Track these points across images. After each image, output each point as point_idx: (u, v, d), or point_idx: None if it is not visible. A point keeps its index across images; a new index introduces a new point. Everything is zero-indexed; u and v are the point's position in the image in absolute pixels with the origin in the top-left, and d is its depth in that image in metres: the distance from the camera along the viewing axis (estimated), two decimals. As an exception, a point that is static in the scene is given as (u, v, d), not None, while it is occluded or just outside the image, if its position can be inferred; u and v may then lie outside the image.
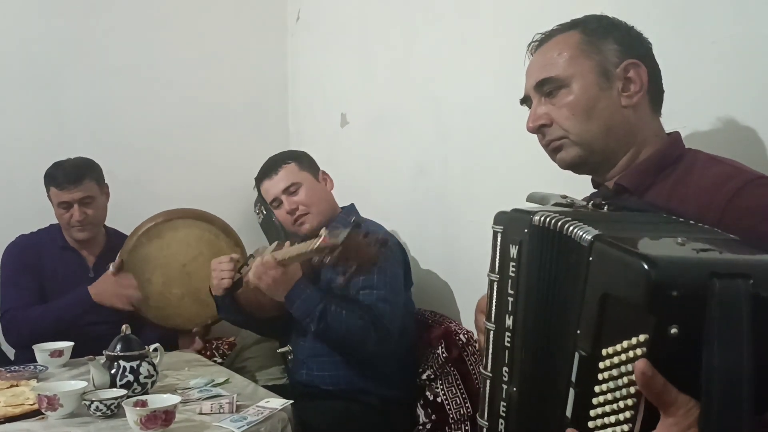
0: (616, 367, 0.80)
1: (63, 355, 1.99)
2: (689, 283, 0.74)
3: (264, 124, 3.18)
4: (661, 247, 0.83)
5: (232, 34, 3.08)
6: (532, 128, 1.22)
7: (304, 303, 1.84)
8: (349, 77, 2.76)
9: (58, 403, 1.53)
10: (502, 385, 1.06)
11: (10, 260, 2.33)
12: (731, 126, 1.33)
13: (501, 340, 1.07)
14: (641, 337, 0.76)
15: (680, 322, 0.74)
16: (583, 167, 1.23)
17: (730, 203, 1.02)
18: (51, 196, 2.31)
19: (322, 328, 1.84)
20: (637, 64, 1.15)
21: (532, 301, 1.01)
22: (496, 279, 1.07)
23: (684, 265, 0.77)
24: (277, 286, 1.82)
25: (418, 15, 2.35)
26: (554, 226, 0.96)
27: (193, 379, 1.84)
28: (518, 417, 1.04)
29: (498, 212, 1.07)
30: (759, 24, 1.29)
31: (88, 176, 2.30)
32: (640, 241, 0.85)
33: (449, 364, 2.02)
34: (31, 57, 2.73)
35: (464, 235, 2.14)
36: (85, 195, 2.28)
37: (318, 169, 2.16)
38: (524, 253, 1.02)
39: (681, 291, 0.74)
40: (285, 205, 2.07)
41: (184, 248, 2.35)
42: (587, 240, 0.88)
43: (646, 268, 0.75)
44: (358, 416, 1.92)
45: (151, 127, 2.91)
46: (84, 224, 2.29)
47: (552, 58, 1.19)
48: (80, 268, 2.37)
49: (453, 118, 2.20)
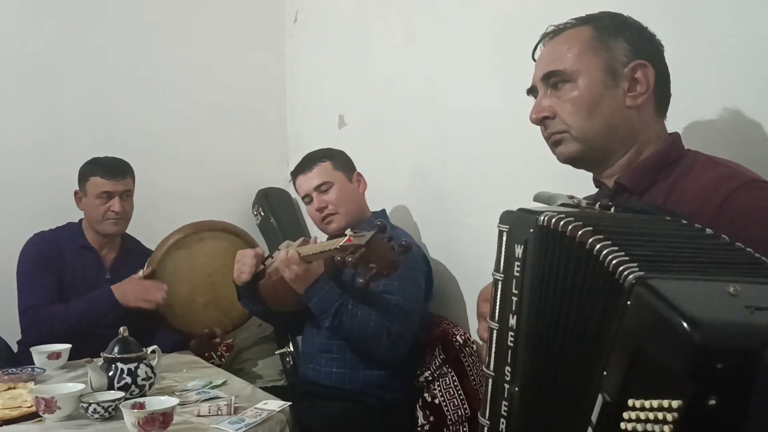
0: (642, 422, 0.74)
1: (61, 357, 1.99)
2: (738, 353, 0.66)
3: (262, 126, 3.18)
4: (711, 299, 0.73)
5: (229, 36, 3.08)
6: (535, 120, 1.23)
7: (322, 299, 1.88)
8: (347, 79, 2.76)
9: (56, 406, 1.52)
10: (504, 384, 1.06)
11: (30, 257, 2.32)
12: (728, 126, 1.33)
13: (504, 340, 1.06)
14: (674, 402, 0.69)
15: (721, 394, 0.67)
16: (580, 162, 1.23)
17: (722, 206, 1.02)
18: (89, 187, 2.33)
19: (336, 325, 1.87)
20: (645, 65, 1.15)
21: (537, 301, 1.01)
22: (501, 278, 1.07)
23: (734, 331, 0.68)
24: (299, 280, 1.86)
25: (417, 16, 2.35)
26: (564, 229, 0.94)
27: (191, 381, 1.84)
28: (520, 417, 1.04)
29: (504, 211, 1.07)
30: (756, 25, 1.29)
31: (129, 173, 2.39)
32: (687, 286, 0.76)
33: (446, 365, 2.02)
34: (30, 59, 2.73)
35: (463, 236, 2.14)
36: (126, 189, 2.35)
37: (353, 170, 2.19)
38: (529, 253, 1.02)
39: (727, 362, 0.66)
40: (315, 203, 2.11)
41: (211, 259, 2.40)
42: (629, 281, 0.79)
43: (689, 330, 0.67)
44: (356, 418, 1.92)
45: (149, 129, 2.90)
46: (120, 217, 2.33)
47: (561, 51, 1.19)
48: (98, 268, 2.39)
49: (451, 119, 2.20)
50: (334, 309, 1.86)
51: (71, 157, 2.43)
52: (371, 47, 2.61)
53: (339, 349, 2.00)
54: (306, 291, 1.88)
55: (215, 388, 1.78)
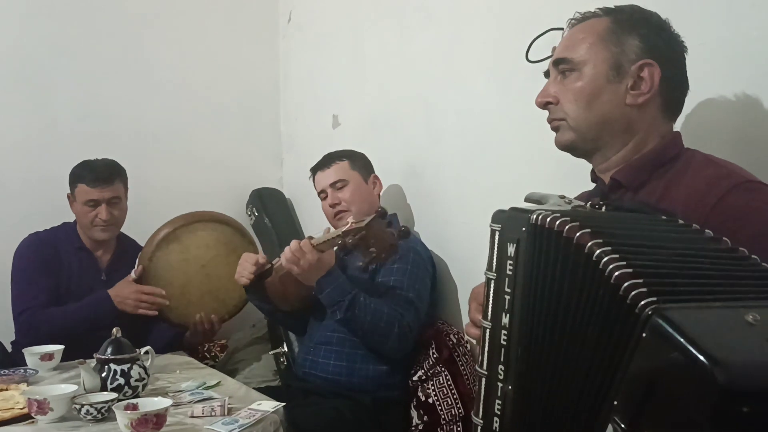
0: None
1: (53, 358, 1.98)
2: (764, 395, 0.62)
3: (256, 126, 3.18)
4: (730, 332, 0.69)
5: (223, 36, 3.07)
6: (539, 103, 1.24)
7: (335, 290, 1.90)
8: (341, 79, 2.76)
9: (48, 407, 1.52)
10: (498, 383, 1.06)
11: (26, 257, 2.30)
12: (719, 126, 1.34)
13: (497, 339, 1.06)
14: None
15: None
16: (575, 151, 1.24)
17: (716, 206, 1.02)
18: (77, 194, 2.31)
19: (348, 317, 1.89)
20: (652, 65, 1.14)
21: (530, 300, 1.01)
22: (494, 277, 1.07)
23: (760, 371, 0.64)
24: (311, 270, 1.87)
25: (410, 17, 2.35)
26: (556, 227, 0.94)
27: (184, 382, 1.83)
28: (513, 416, 1.04)
29: (496, 210, 1.07)
30: (747, 26, 1.30)
31: (117, 177, 2.33)
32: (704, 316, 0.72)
33: (440, 364, 2.02)
34: (22, 58, 2.71)
35: (456, 236, 2.15)
36: (114, 195, 2.31)
37: (370, 172, 2.25)
38: (521, 252, 1.02)
39: (753, 405, 0.62)
40: (329, 199, 2.18)
41: (203, 250, 2.39)
42: (645, 313, 0.75)
43: (713, 370, 0.63)
44: (350, 417, 1.93)
45: (142, 129, 2.90)
46: (108, 224, 2.31)
47: (576, 39, 1.20)
48: (93, 270, 2.37)
49: (445, 120, 2.20)
50: (348, 300, 1.88)
51: (65, 156, 2.41)
52: (365, 47, 2.60)
53: (339, 341, 2.02)
54: (318, 282, 1.90)
55: (209, 389, 1.78)
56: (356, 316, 1.88)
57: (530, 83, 1.33)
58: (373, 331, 1.90)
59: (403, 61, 2.39)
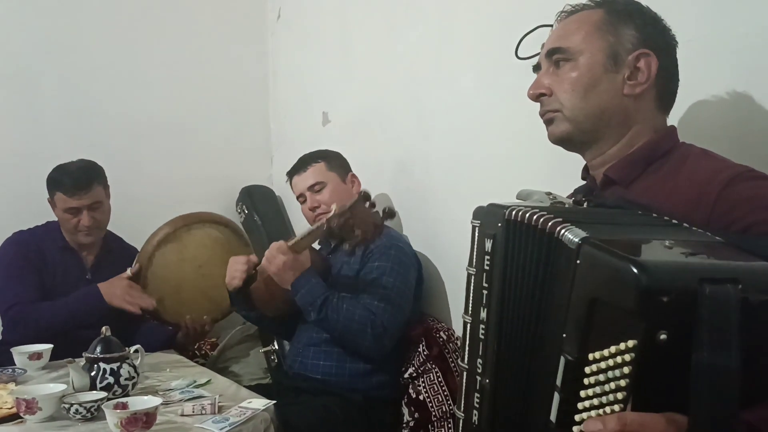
0: (603, 372, 0.79)
1: (42, 357, 1.97)
2: (680, 289, 0.74)
3: (245, 123, 3.17)
4: (649, 251, 0.82)
5: (212, 33, 3.07)
6: (531, 96, 1.22)
7: (308, 292, 1.90)
8: (330, 76, 2.75)
9: (37, 407, 1.51)
10: (477, 377, 1.07)
11: (10, 255, 2.28)
12: (707, 123, 1.35)
13: (476, 333, 1.08)
14: (630, 342, 0.76)
15: (669, 327, 0.74)
16: (570, 144, 1.22)
17: (720, 194, 1.01)
18: (56, 201, 2.28)
19: (322, 318, 1.90)
20: (648, 55, 1.13)
21: (506, 294, 1.02)
22: (473, 273, 1.08)
23: (674, 270, 0.77)
24: (286, 271, 1.89)
25: (400, 13, 2.35)
26: (528, 220, 0.97)
27: (174, 381, 1.83)
28: (490, 408, 1.05)
29: (476, 207, 1.08)
30: (734, 23, 1.30)
31: (96, 181, 2.28)
32: (627, 244, 0.84)
33: (430, 361, 2.03)
34: (9, 57, 2.69)
35: (446, 233, 2.15)
36: (94, 200, 2.27)
37: (347, 171, 2.24)
38: (498, 247, 1.03)
39: (671, 296, 0.74)
40: (308, 202, 2.18)
41: (201, 251, 2.40)
42: (574, 242, 0.86)
43: (637, 273, 0.75)
44: (340, 415, 1.93)
45: (130, 127, 2.88)
46: (92, 229, 2.29)
47: (570, 30, 1.18)
48: (78, 269, 2.35)
49: (435, 116, 2.20)
50: (320, 301, 1.89)
51: (52, 155, 2.39)
52: (354, 44, 2.60)
53: (327, 342, 2.02)
54: (293, 284, 1.91)
55: (199, 387, 1.77)
56: (328, 317, 1.89)
57: (519, 80, 1.33)
58: (346, 331, 1.90)
59: (392, 58, 2.39)
